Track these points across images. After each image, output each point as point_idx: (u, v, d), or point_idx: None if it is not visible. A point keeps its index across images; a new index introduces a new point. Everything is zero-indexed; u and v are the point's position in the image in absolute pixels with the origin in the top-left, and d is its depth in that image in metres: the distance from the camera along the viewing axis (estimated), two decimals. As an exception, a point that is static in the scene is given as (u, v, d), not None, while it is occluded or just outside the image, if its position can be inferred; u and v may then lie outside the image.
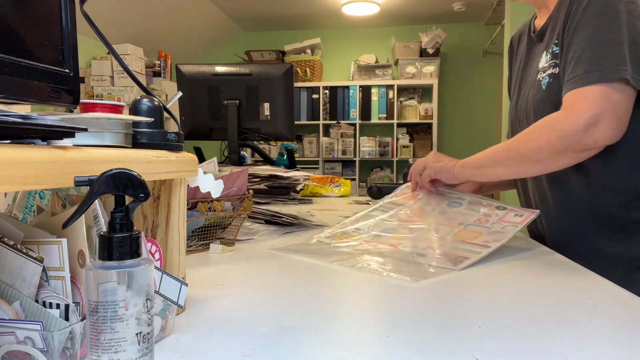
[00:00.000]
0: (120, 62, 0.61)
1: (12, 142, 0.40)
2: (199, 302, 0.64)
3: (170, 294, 0.51)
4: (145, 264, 0.38)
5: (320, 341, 0.52)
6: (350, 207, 1.78)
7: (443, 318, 0.59)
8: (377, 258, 0.87)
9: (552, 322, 0.57)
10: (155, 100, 0.60)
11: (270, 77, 1.93)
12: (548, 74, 1.03)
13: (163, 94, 4.23)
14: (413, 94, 5.10)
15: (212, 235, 1.01)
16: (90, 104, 0.61)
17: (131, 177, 0.38)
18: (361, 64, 5.03)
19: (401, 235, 0.99)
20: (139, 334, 0.37)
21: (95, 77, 3.83)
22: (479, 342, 0.51)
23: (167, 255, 0.61)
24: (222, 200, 0.97)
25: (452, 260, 0.83)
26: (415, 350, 0.49)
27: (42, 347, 0.39)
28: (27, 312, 0.42)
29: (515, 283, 0.75)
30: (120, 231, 0.38)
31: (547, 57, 1.05)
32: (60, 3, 0.46)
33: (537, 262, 0.87)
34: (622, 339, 0.53)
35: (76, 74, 0.47)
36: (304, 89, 5.02)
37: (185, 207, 0.61)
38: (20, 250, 0.43)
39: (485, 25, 4.88)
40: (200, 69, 1.96)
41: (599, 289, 0.71)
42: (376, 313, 0.63)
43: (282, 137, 2.04)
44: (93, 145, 0.49)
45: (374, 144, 4.99)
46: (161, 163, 0.54)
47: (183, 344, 0.51)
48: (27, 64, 0.42)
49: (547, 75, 1.03)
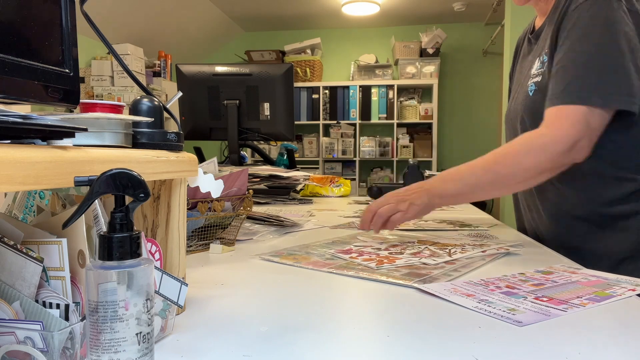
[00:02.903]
0: (120, 62, 0.61)
1: (12, 142, 0.40)
2: (199, 302, 0.64)
3: (170, 294, 0.51)
4: (145, 264, 0.38)
5: (320, 341, 0.52)
6: (350, 207, 1.78)
7: (443, 318, 0.59)
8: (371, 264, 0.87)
9: (552, 322, 0.57)
10: (155, 100, 0.60)
11: (270, 77, 1.93)
12: (535, 82, 1.04)
13: (163, 94, 4.22)
14: (413, 94, 5.10)
15: (212, 235, 1.01)
16: (90, 104, 0.61)
17: (131, 177, 0.38)
18: (361, 64, 5.03)
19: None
20: (139, 334, 0.37)
21: (95, 77, 3.83)
22: (478, 342, 0.51)
23: (167, 255, 0.61)
24: (222, 200, 0.97)
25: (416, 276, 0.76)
26: (414, 350, 0.49)
27: (42, 347, 0.39)
28: (27, 312, 0.42)
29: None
30: (120, 231, 0.38)
31: (537, 64, 1.06)
32: (60, 3, 0.46)
33: (536, 261, 0.87)
34: (622, 339, 0.53)
35: (76, 74, 0.47)
36: (304, 89, 5.02)
37: (185, 207, 0.61)
38: (20, 250, 0.43)
39: (485, 25, 4.88)
40: (200, 69, 1.97)
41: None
42: (376, 313, 0.63)
43: (282, 137, 2.04)
44: (93, 145, 0.49)
45: (374, 144, 5.00)
46: (161, 163, 0.54)
47: (183, 344, 0.51)
48: (27, 64, 0.42)
49: (534, 82, 1.04)
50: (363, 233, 1.13)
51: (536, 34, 1.13)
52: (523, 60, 1.19)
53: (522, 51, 1.24)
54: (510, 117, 1.17)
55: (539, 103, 1.01)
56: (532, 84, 1.04)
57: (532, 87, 1.05)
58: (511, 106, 1.18)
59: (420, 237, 1.09)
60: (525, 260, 0.89)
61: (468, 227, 1.25)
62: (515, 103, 1.14)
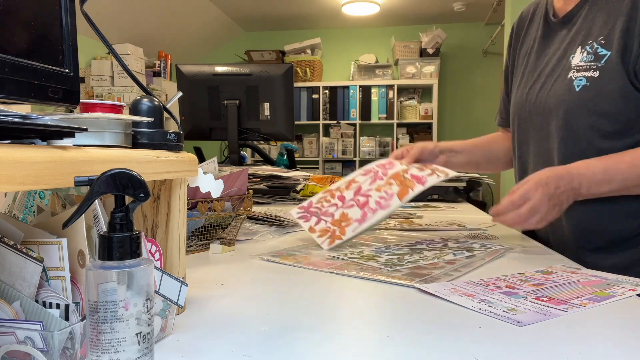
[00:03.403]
0: (120, 62, 0.61)
1: (12, 142, 0.40)
2: (199, 302, 0.64)
3: (170, 294, 0.51)
4: (145, 264, 0.38)
5: (320, 341, 0.52)
6: (350, 207, 1.78)
7: (443, 318, 0.59)
8: (372, 263, 0.87)
9: (552, 322, 0.57)
10: (155, 100, 0.60)
11: (270, 77, 1.93)
12: (585, 76, 0.95)
13: (163, 94, 4.23)
14: (413, 94, 5.11)
15: (212, 235, 1.01)
16: (90, 104, 0.61)
17: (131, 177, 0.38)
18: (361, 64, 5.03)
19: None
20: (139, 334, 0.37)
21: (95, 77, 3.84)
22: (478, 342, 0.51)
23: (167, 255, 0.61)
24: (222, 200, 0.97)
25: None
26: (414, 350, 0.49)
27: (42, 347, 0.39)
28: (27, 312, 0.42)
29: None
30: (120, 231, 0.38)
31: (583, 55, 0.96)
32: (60, 3, 0.46)
33: (536, 262, 0.87)
34: (622, 339, 0.53)
35: (76, 74, 0.47)
36: (304, 89, 5.02)
37: (185, 207, 0.61)
38: (20, 250, 0.43)
39: (485, 25, 4.88)
40: (200, 69, 1.96)
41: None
42: (376, 313, 0.63)
43: (282, 137, 2.04)
44: (93, 145, 0.49)
45: (374, 144, 5.00)
46: (161, 163, 0.54)
47: (183, 344, 0.51)
48: (27, 64, 0.42)
49: (584, 76, 0.95)
50: (363, 233, 1.12)
51: (566, 18, 1.04)
52: (543, 47, 1.09)
53: (529, 35, 1.15)
54: (528, 109, 1.08)
55: (590, 100, 0.94)
56: (581, 77, 0.95)
57: (580, 81, 0.96)
58: (529, 96, 1.08)
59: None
60: (526, 260, 0.89)
61: (467, 228, 1.25)
62: (543, 94, 1.04)
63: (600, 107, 0.94)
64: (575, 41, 1.00)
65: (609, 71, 0.93)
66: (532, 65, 1.11)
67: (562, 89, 0.99)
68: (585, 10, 1.01)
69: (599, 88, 0.93)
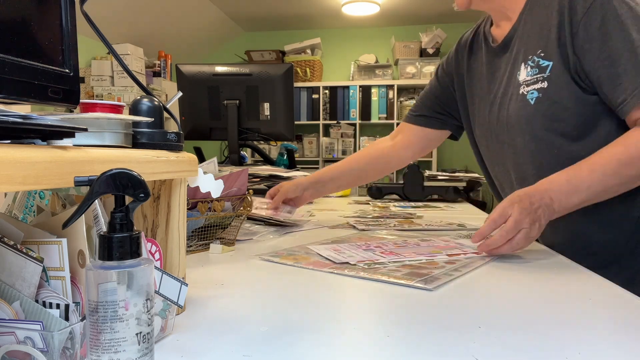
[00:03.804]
0: (120, 62, 0.61)
1: (12, 142, 0.40)
2: (199, 302, 0.64)
3: (170, 294, 0.51)
4: (145, 264, 0.38)
5: (320, 341, 0.52)
6: (350, 207, 1.78)
7: (443, 318, 0.59)
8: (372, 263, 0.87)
9: (552, 322, 0.57)
10: (155, 100, 0.60)
11: (270, 77, 1.93)
12: (536, 89, 1.00)
13: (163, 94, 4.23)
14: (413, 94, 5.10)
15: (212, 235, 1.01)
16: (90, 104, 0.61)
17: (131, 177, 0.38)
18: (361, 64, 5.03)
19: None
20: (139, 334, 0.37)
21: (95, 77, 3.84)
22: (479, 342, 0.51)
23: (167, 255, 0.61)
24: (222, 200, 0.97)
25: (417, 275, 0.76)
26: (414, 350, 0.49)
27: (42, 347, 0.39)
28: (27, 312, 0.42)
29: (515, 283, 0.75)
30: (120, 231, 0.38)
31: (528, 70, 1.01)
32: (60, 3, 0.46)
33: (537, 262, 0.87)
34: (622, 340, 0.53)
35: (76, 74, 0.47)
36: (304, 89, 5.02)
37: (185, 207, 0.61)
38: (20, 250, 0.43)
39: (485, 25, 4.87)
40: (200, 69, 1.97)
41: (599, 290, 0.71)
42: (376, 313, 0.63)
43: (282, 137, 2.04)
44: (93, 145, 0.49)
45: (374, 144, 4.99)
46: (161, 163, 0.54)
47: (183, 344, 0.51)
48: (27, 64, 0.42)
49: (535, 89, 1.00)
50: (362, 234, 1.12)
51: (504, 44, 1.09)
52: (491, 72, 1.14)
53: (475, 62, 1.20)
54: (491, 129, 1.12)
55: (545, 109, 0.98)
56: (532, 90, 1.00)
57: (532, 94, 1.00)
58: (490, 118, 1.13)
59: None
60: (526, 259, 0.89)
61: (467, 228, 1.25)
62: (503, 114, 1.08)
63: (557, 114, 0.97)
64: (518, 60, 1.05)
65: (555, 79, 0.97)
66: (486, 89, 1.16)
67: (518, 105, 1.04)
68: (519, 30, 1.05)
69: (551, 97, 0.97)
